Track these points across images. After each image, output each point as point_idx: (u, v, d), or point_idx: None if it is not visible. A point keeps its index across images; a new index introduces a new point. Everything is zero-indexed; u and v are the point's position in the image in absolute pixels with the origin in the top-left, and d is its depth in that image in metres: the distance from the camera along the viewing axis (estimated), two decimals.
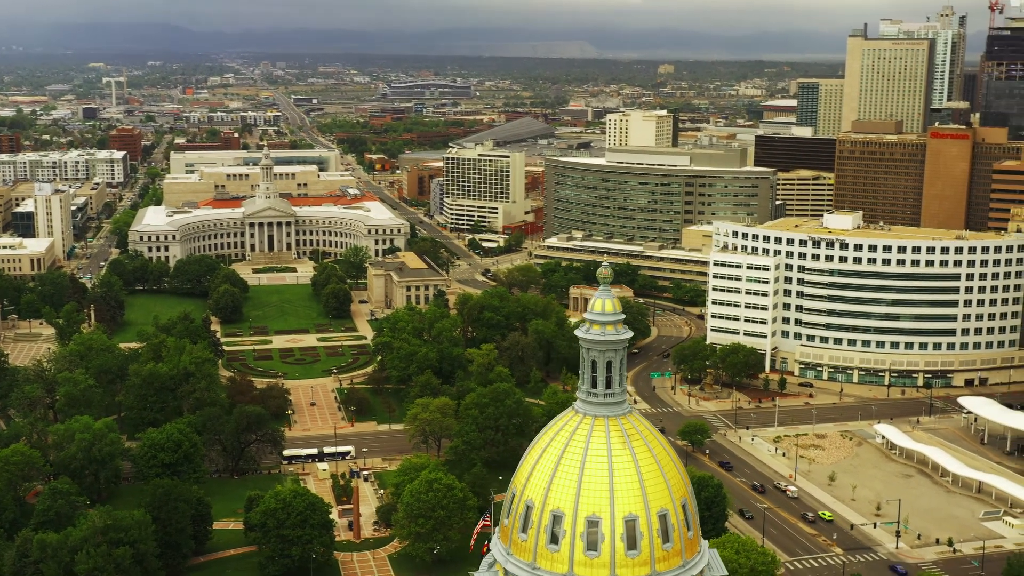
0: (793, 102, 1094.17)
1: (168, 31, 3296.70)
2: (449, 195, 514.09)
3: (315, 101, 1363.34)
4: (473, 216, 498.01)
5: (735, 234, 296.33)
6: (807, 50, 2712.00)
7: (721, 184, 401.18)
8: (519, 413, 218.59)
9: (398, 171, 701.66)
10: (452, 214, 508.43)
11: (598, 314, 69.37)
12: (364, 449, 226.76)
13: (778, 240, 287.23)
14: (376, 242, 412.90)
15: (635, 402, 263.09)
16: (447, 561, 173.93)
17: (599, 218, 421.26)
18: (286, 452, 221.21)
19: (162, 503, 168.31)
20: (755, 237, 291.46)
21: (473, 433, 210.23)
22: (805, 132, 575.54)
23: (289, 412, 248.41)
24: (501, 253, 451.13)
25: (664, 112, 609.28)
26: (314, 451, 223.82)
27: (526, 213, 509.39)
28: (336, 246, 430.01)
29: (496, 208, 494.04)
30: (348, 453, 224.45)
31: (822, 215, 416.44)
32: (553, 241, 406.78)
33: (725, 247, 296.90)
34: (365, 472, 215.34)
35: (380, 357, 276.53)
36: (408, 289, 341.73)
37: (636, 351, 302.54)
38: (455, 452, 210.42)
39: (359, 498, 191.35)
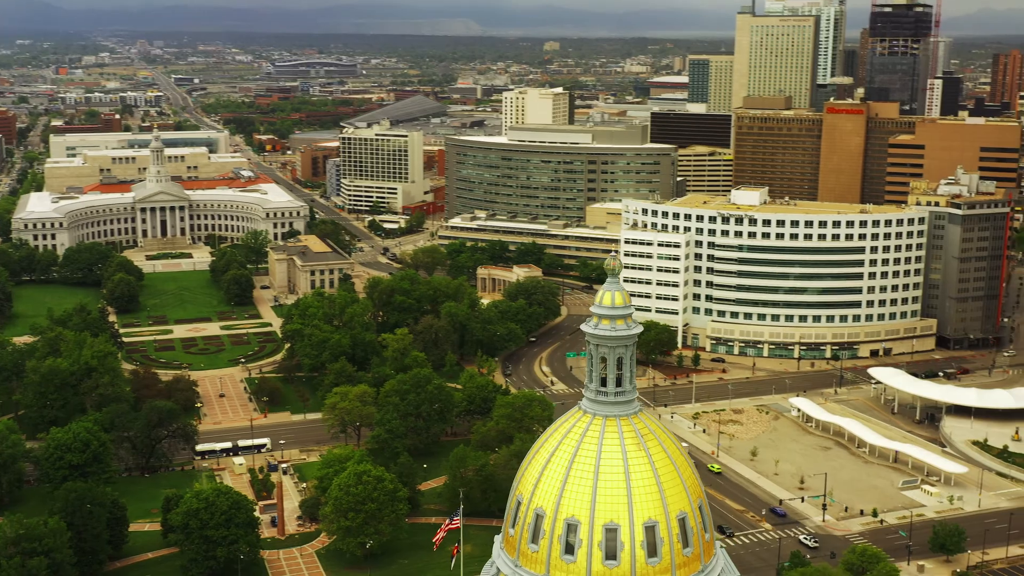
0: (679, 78, 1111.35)
1: (37, 8, 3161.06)
2: (346, 176, 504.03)
3: (197, 81, 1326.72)
4: (372, 197, 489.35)
5: (644, 211, 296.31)
6: (689, 27, 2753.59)
7: (623, 161, 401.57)
8: (440, 398, 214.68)
9: (289, 152, 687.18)
10: (350, 195, 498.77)
11: (608, 308, 65.48)
12: (281, 441, 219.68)
13: (687, 217, 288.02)
14: (275, 225, 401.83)
15: (552, 383, 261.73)
16: (378, 555, 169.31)
17: (502, 197, 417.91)
18: (199, 447, 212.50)
19: (76, 508, 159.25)
20: (664, 214, 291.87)
21: (395, 421, 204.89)
22: (699, 108, 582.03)
23: (198, 405, 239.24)
24: (403, 234, 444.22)
25: (560, 90, 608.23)
26: (228, 445, 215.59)
27: (425, 193, 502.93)
28: (233, 230, 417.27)
29: (395, 188, 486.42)
30: (264, 446, 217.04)
31: (719, 191, 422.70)
32: (457, 221, 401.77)
33: (634, 224, 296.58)
34: (284, 465, 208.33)
35: (289, 345, 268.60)
36: (312, 273, 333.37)
37: (534, 336, 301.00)
38: (377, 441, 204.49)
39: (281, 493, 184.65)
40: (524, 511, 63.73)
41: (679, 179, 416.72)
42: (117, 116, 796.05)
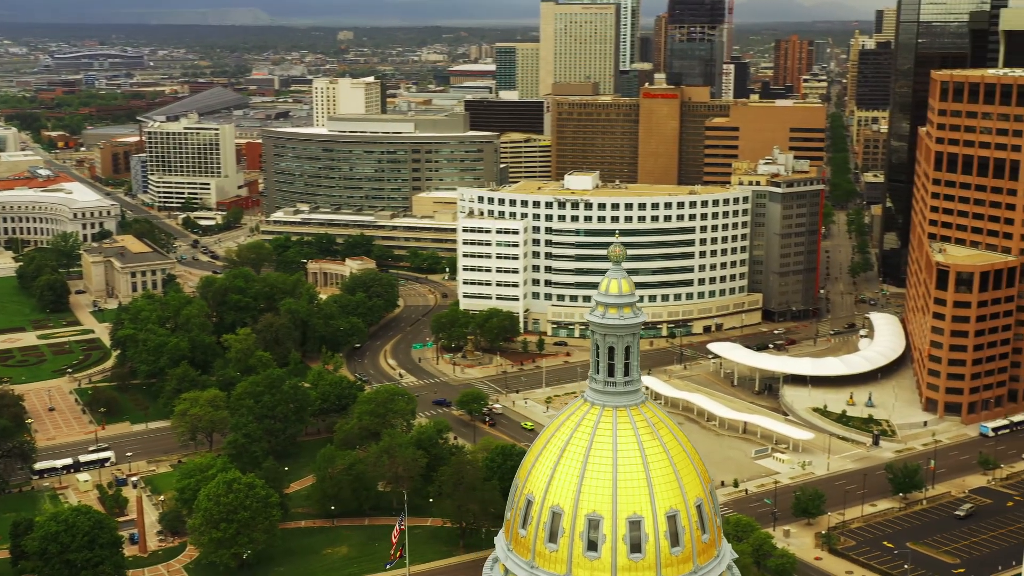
0: (480, 66, 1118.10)
1: None
2: (153, 172, 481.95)
3: None
4: (183, 193, 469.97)
5: (480, 199, 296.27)
6: (480, 16, 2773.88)
7: (447, 150, 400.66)
8: (297, 398, 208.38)
9: (84, 148, 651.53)
10: (159, 192, 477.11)
11: (615, 296, 63.98)
12: (128, 453, 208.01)
13: (524, 203, 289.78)
14: (84, 227, 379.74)
15: (400, 376, 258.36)
16: (252, 564, 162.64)
17: (324, 189, 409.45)
18: (37, 465, 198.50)
19: None
20: (500, 201, 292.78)
21: (251, 424, 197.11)
22: (512, 95, 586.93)
23: (28, 421, 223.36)
24: (221, 231, 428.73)
25: (372, 79, 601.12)
26: (69, 461, 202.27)
27: (239, 187, 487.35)
28: (37, 233, 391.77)
29: (208, 184, 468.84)
30: (108, 460, 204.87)
31: (538, 176, 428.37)
32: (279, 215, 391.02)
33: (471, 213, 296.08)
34: (133, 478, 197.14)
35: (120, 351, 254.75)
36: (133, 275, 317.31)
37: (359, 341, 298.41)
38: (234, 446, 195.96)
39: (141, 508, 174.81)
40: (537, 510, 61.59)
41: (503, 166, 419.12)
42: None
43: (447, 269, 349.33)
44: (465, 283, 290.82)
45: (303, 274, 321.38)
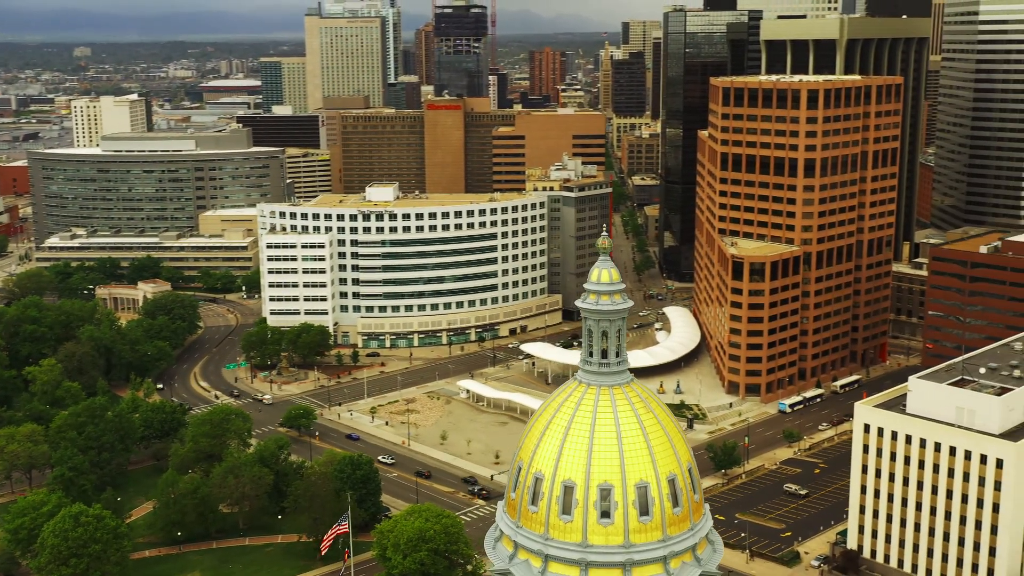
0: (231, 81, 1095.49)
1: None
2: None
3: None
4: None
5: (282, 215, 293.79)
6: (224, 30, 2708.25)
7: (231, 167, 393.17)
8: (121, 427, 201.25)
9: None
10: None
11: (606, 285, 68.47)
12: None
13: (328, 217, 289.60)
14: None
15: (216, 396, 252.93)
16: None
17: (101, 212, 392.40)
18: None
19: None
20: (304, 216, 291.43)
21: (77, 457, 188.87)
22: (285, 111, 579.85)
23: None
24: None
25: (136, 96, 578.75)
26: None
27: (0, 214, 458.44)
28: None
29: None
30: None
31: (321, 190, 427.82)
32: (55, 241, 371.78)
33: (272, 229, 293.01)
34: None
35: None
36: None
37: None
38: (60, 481, 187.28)
39: None
40: (548, 486, 65.63)
41: (289, 181, 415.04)
42: None
43: (243, 287, 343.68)
44: (272, 300, 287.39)
45: (96, 300, 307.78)
